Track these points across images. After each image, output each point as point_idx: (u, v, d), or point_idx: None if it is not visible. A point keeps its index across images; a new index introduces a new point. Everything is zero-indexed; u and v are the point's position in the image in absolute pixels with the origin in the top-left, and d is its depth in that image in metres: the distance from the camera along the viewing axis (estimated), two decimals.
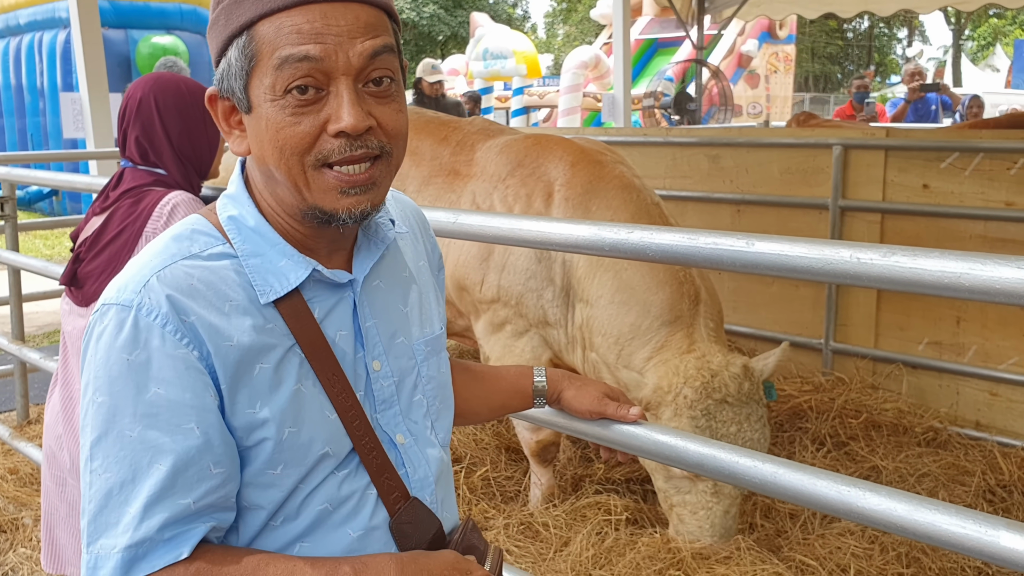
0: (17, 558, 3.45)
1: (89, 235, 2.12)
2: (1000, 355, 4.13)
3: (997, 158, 4.06)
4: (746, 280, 5.01)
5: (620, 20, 7.26)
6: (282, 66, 1.01)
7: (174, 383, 1.01)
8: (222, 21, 1.06)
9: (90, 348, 1.06)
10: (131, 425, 1.01)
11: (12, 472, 3.96)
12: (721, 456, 1.35)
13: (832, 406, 4.18)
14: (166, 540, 1.00)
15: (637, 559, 2.98)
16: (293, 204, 1.09)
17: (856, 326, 4.57)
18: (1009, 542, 1.09)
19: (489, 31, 18.81)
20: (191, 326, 1.03)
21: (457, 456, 3.93)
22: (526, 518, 3.41)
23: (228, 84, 1.07)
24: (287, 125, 1.03)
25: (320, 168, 1.05)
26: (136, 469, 1.00)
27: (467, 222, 1.69)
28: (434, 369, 1.25)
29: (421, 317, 1.25)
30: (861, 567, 3.04)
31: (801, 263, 1.21)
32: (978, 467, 3.76)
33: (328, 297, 1.14)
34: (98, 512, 1.01)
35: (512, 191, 3.32)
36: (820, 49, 38.64)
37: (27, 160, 5.23)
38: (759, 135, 5.70)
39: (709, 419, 2.79)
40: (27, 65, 13.33)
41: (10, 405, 4.81)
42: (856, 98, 9.69)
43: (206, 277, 1.06)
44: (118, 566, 0.99)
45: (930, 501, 1.16)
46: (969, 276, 1.07)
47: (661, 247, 1.37)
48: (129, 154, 2.11)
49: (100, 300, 1.07)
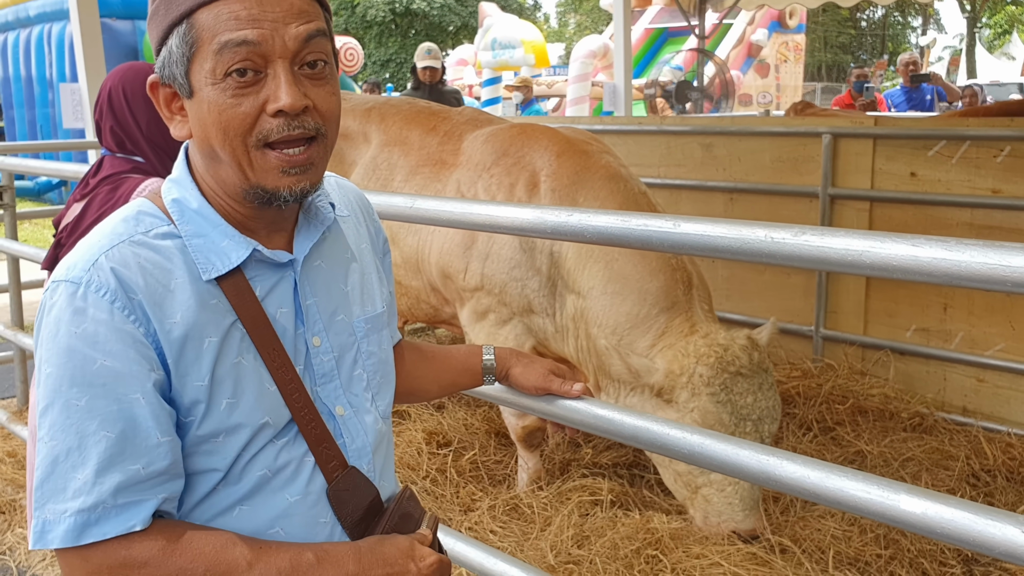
0: (14, 538, 3.55)
1: (70, 221, 2.19)
2: (987, 342, 4.16)
3: (984, 146, 4.09)
4: (739, 268, 5.05)
5: (620, 8, 7.27)
6: (222, 50, 1.07)
7: (120, 355, 1.07)
8: (162, 11, 1.11)
9: (42, 323, 1.11)
10: (78, 395, 1.06)
11: (11, 455, 4.06)
12: (654, 428, 1.41)
13: (819, 392, 4.22)
14: (119, 506, 1.05)
15: (616, 539, 3.04)
16: (236, 184, 1.14)
17: (846, 313, 4.61)
18: (908, 505, 1.15)
19: (497, 21, 18.81)
20: (138, 303, 1.08)
21: (447, 440, 3.99)
22: (512, 500, 3.47)
23: (169, 71, 1.13)
24: (228, 107, 1.08)
25: (262, 148, 1.11)
26: (83, 436, 1.05)
27: (423, 207, 1.75)
28: (375, 345, 1.31)
29: (363, 296, 1.31)
30: (840, 549, 3.08)
31: (721, 243, 1.26)
32: (962, 452, 3.79)
33: (269, 276, 1.19)
34: (45, 478, 1.06)
35: (496, 180, 3.37)
36: (832, 39, 38.40)
37: (27, 149, 5.33)
38: (751, 124, 5.73)
39: (728, 393, 2.84)
40: (36, 56, 13.46)
41: (11, 392, 4.92)
42: (855, 87, 9.66)
43: (152, 257, 1.11)
44: (69, 529, 1.03)
45: (840, 469, 1.22)
46: (869, 254, 1.13)
47: (598, 229, 1.43)
48: (107, 143, 2.18)
49: (51, 278, 1.13)
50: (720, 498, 2.95)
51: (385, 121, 3.89)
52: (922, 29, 40.81)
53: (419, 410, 4.32)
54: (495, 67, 18.24)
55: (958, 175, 4.19)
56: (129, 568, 1.05)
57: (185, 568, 1.07)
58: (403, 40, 35.39)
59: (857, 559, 3.03)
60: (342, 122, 4.53)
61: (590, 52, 16.60)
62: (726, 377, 2.84)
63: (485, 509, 3.40)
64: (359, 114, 3.96)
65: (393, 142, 3.78)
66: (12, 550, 3.49)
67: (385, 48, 35.61)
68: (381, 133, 3.85)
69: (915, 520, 1.15)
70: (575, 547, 3.05)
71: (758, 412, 2.88)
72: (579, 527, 3.15)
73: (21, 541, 3.52)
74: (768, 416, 2.91)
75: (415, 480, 3.62)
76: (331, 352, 1.24)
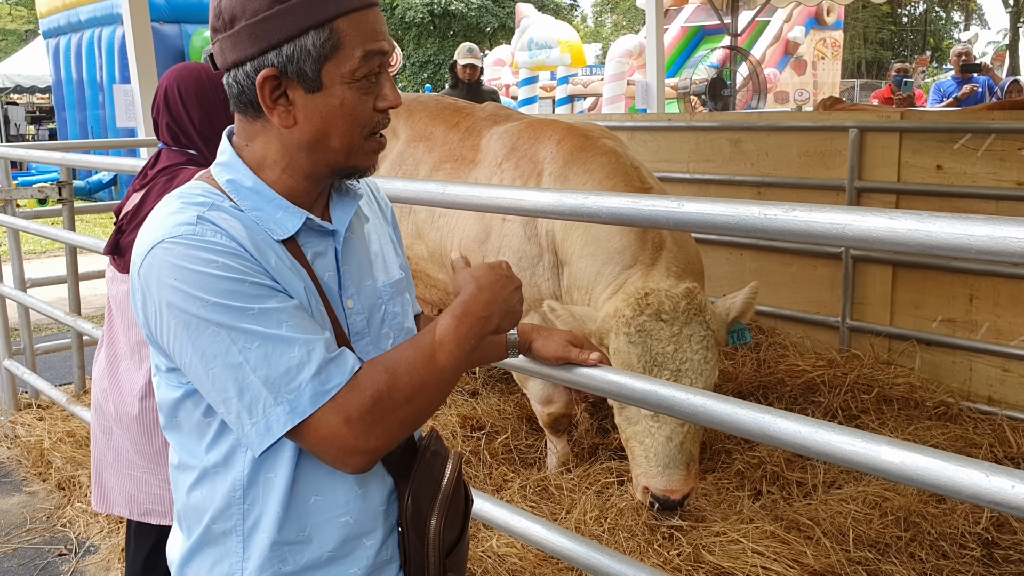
0: (74, 512, 3.77)
1: (130, 209, 2.38)
2: (1012, 332, 4.21)
3: (1009, 139, 4.14)
4: (767, 261, 5.14)
5: (653, 7, 7.38)
6: (367, 57, 1.26)
7: (254, 272, 1.21)
8: (299, 12, 1.24)
9: (157, 278, 1.20)
10: (247, 307, 1.18)
11: (70, 435, 4.30)
12: (661, 391, 1.55)
13: (845, 381, 4.28)
14: (334, 360, 1.21)
15: (637, 517, 3.16)
16: (327, 165, 1.31)
17: (872, 304, 4.68)
18: (888, 456, 1.27)
19: (534, 21, 18.94)
20: (246, 248, 1.23)
21: (480, 424, 4.15)
22: (542, 481, 3.62)
23: (298, 66, 1.26)
24: (361, 103, 1.28)
25: (368, 138, 1.31)
26: (272, 330, 1.18)
27: (453, 192, 1.91)
28: (399, 307, 1.47)
29: (385, 264, 1.47)
30: (860, 531, 3.15)
31: (720, 220, 1.39)
32: (986, 440, 3.84)
33: (318, 243, 1.35)
34: (266, 379, 1.18)
35: (508, 175, 3.56)
36: (872, 35, 37.95)
37: (82, 147, 5.58)
38: (779, 119, 5.81)
39: (644, 335, 2.85)
40: (87, 60, 13.85)
41: (68, 378, 5.17)
42: (895, 82, 9.66)
43: (231, 222, 1.26)
44: (314, 394, 1.18)
45: (828, 424, 1.35)
46: (852, 227, 1.25)
47: (610, 210, 1.57)
48: (163, 138, 2.36)
49: (140, 253, 1.23)
50: (640, 450, 2.92)
51: (412, 117, 4.07)
52: (964, 24, 40.17)
53: (454, 396, 4.48)
54: (532, 67, 18.38)
55: (983, 168, 4.25)
56: (377, 399, 1.21)
57: (412, 373, 1.24)
58: (441, 41, 35.65)
59: (877, 541, 3.09)
60: None
61: (626, 51, 16.67)
62: (643, 319, 2.85)
63: (516, 489, 3.54)
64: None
65: (419, 138, 3.97)
66: (72, 523, 3.71)
67: (424, 49, 35.90)
68: (408, 129, 4.04)
69: (894, 469, 1.27)
70: (597, 526, 3.18)
71: (677, 363, 2.86)
72: (602, 507, 3.28)
73: (80, 515, 3.74)
74: (692, 370, 2.87)
75: None
76: (363, 313, 1.40)
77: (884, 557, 3.01)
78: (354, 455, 1.20)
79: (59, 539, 3.63)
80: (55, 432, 4.39)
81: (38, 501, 3.96)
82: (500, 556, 3.08)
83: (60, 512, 3.83)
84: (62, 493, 3.96)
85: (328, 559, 1.32)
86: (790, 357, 4.66)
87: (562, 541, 1.91)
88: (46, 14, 15.15)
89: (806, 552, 2.96)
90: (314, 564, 1.32)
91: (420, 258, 3.87)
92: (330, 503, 1.31)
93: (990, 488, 1.16)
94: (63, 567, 3.43)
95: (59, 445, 4.25)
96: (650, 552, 3.00)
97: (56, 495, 3.98)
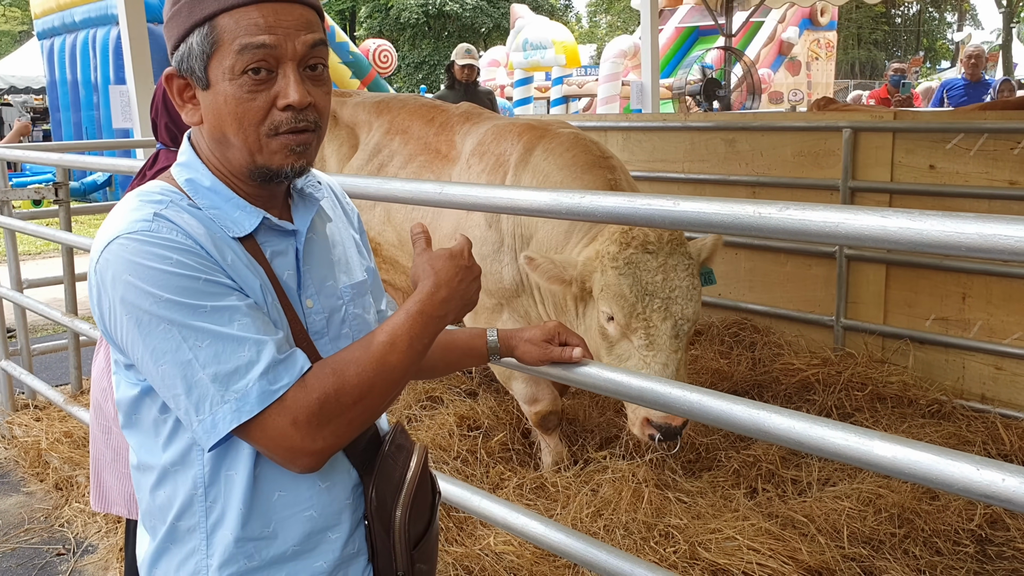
0: (72, 512, 3.78)
1: None
2: (1005, 330, 4.24)
3: (1001, 138, 4.17)
4: (761, 260, 5.17)
5: (647, 7, 7.41)
6: (242, 51, 1.25)
7: (210, 271, 1.23)
8: (184, 13, 1.28)
9: (112, 275, 1.22)
10: (200, 304, 1.20)
11: (67, 436, 4.31)
12: (658, 388, 1.57)
13: (839, 379, 4.31)
14: (284, 360, 1.22)
15: (633, 514, 3.18)
16: (243, 165, 1.31)
17: (866, 303, 4.71)
18: (881, 450, 1.29)
19: (529, 22, 18.96)
20: (201, 246, 1.25)
21: (478, 423, 4.16)
22: (538, 479, 3.63)
23: (188, 64, 1.29)
24: (244, 100, 1.25)
25: (272, 136, 1.29)
26: (224, 328, 1.20)
27: (451, 192, 1.92)
28: (360, 308, 1.49)
29: (347, 266, 1.49)
30: (855, 528, 3.17)
31: (715, 218, 1.41)
32: (979, 437, 3.86)
33: (278, 242, 1.37)
34: (215, 376, 1.18)
35: (475, 168, 3.67)
36: (865, 35, 38.06)
37: (78, 148, 5.58)
38: (773, 120, 5.83)
39: (632, 267, 2.91)
40: (82, 61, 13.81)
41: (65, 379, 5.17)
42: (892, 82, 9.70)
43: (188, 220, 1.28)
44: (261, 392, 1.18)
45: (821, 420, 1.37)
46: (845, 225, 1.27)
47: (607, 208, 1.59)
48: (162, 139, 2.38)
49: (97, 249, 1.25)
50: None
51: (391, 112, 4.24)
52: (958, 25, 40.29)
53: (452, 396, 4.49)
54: (526, 68, 18.40)
55: (976, 167, 4.28)
56: (324, 401, 1.21)
57: (361, 375, 1.24)
58: (436, 42, 35.69)
59: (871, 538, 3.11)
60: (355, 114, 4.77)
61: (620, 52, 16.72)
62: (631, 252, 2.92)
63: (512, 487, 3.56)
64: (369, 107, 4.31)
65: (395, 130, 4.12)
66: (70, 523, 3.72)
67: (419, 50, 35.92)
68: (386, 123, 4.19)
69: (887, 463, 1.29)
70: (593, 523, 3.20)
71: (667, 291, 2.93)
72: (598, 505, 3.29)
73: (78, 514, 3.75)
74: (682, 296, 2.95)
75: (447, 460, 3.79)
76: (323, 313, 1.41)
77: (878, 554, 3.04)
78: (302, 456, 1.21)
79: (57, 539, 3.64)
80: (52, 432, 4.40)
81: (36, 501, 3.97)
82: (497, 554, 3.10)
83: (58, 512, 3.84)
84: (60, 493, 3.97)
85: (293, 553, 1.34)
86: (785, 356, 4.69)
87: (559, 537, 1.93)
88: (40, 15, 15.11)
89: (801, 549, 2.98)
90: (279, 559, 1.33)
91: (391, 245, 3.98)
92: (293, 498, 1.33)
93: (981, 481, 1.19)
94: (61, 567, 3.43)
95: (56, 445, 4.26)
96: (646, 549, 3.02)
97: (54, 495, 3.99)
